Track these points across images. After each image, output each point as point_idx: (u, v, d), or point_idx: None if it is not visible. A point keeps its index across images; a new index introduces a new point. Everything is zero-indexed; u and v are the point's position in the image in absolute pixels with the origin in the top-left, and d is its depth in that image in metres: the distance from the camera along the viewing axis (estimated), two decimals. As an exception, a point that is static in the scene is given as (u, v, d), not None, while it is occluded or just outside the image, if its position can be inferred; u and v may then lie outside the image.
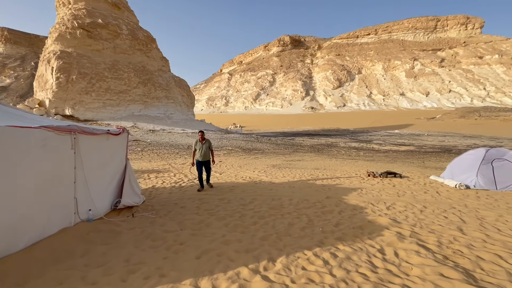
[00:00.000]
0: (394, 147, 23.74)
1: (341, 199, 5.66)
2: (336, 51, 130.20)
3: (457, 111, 66.11)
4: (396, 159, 15.53)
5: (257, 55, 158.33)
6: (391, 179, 8.34)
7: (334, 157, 16.17)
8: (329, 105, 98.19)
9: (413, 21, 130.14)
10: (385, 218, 4.39)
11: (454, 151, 20.90)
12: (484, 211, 4.93)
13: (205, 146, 6.41)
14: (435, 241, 3.50)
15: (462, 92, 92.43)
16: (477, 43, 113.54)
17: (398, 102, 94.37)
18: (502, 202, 5.68)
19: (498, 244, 3.41)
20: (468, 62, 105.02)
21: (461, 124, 52.73)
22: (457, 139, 32.47)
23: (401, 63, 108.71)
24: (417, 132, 42.96)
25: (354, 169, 10.44)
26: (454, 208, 5.11)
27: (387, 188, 7.03)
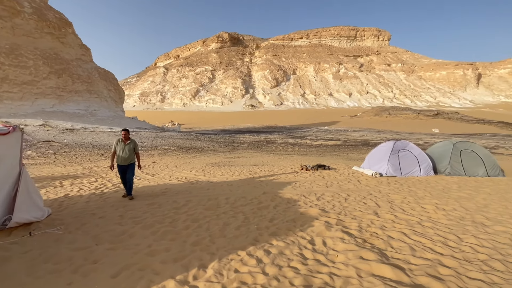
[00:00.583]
0: (324, 142, 26.15)
1: (276, 194, 5.81)
2: (273, 51, 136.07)
3: (373, 110, 77.27)
4: (325, 153, 17.08)
5: (195, 50, 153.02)
6: (321, 171, 9.05)
7: (272, 153, 16.78)
8: (268, 103, 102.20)
9: (338, 29, 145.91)
10: (315, 209, 4.65)
11: (371, 144, 24.26)
12: (393, 195, 5.75)
13: (128, 147, 5.55)
14: (357, 226, 3.85)
15: (376, 94, 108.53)
16: (386, 53, 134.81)
17: (327, 101, 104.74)
18: (405, 186, 6.75)
19: (403, 223, 3.97)
20: (380, 68, 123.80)
21: (376, 121, 61.88)
22: (373, 133, 37.90)
23: (329, 66, 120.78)
24: (343, 128, 48.48)
25: (289, 164, 10.99)
26: (371, 194, 5.80)
27: (318, 180, 7.57)
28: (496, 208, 4.76)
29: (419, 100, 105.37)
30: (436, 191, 6.16)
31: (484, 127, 51.14)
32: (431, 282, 2.39)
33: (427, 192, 6.04)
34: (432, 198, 5.45)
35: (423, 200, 5.29)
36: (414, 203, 5.08)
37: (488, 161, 8.26)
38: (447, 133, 41.15)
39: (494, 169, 8.19)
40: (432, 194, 5.80)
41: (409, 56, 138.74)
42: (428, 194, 5.80)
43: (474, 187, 6.60)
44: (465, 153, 8.42)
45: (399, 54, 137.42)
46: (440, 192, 6.00)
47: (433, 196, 5.67)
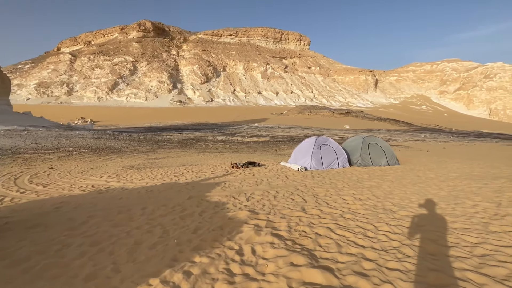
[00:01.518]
0: (254, 139, 26.75)
1: (203, 197, 5.27)
2: (202, 46, 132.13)
3: (297, 108, 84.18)
4: (256, 149, 17.35)
5: (111, 37, 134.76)
6: (251, 168, 8.93)
7: (202, 151, 15.99)
8: (198, 99, 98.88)
9: (265, 30, 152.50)
10: (244, 211, 4.35)
11: (296, 139, 26.10)
12: (317, 188, 6.00)
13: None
14: (286, 226, 3.71)
15: (299, 94, 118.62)
16: (306, 57, 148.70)
17: (257, 99, 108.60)
18: (327, 178, 7.21)
19: (328, 217, 4.05)
20: (302, 70, 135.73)
21: (299, 118, 67.60)
22: (298, 130, 41.10)
23: (257, 65, 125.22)
24: (271, 125, 50.97)
25: (220, 162, 10.54)
26: (298, 190, 5.91)
27: (248, 178, 7.38)
28: (398, 194, 5.47)
29: (334, 100, 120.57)
30: (352, 181, 6.78)
31: (381, 124, 62.28)
32: (358, 281, 2.34)
33: (345, 183, 6.57)
34: (350, 189, 5.92)
35: (342, 192, 5.67)
36: (335, 195, 5.37)
37: (388, 152, 9.73)
38: (355, 128, 48.14)
39: (393, 159, 9.71)
40: (349, 185, 6.32)
41: (325, 61, 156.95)
42: (346, 185, 6.29)
43: (380, 176, 7.58)
44: (372, 146, 9.70)
45: (317, 58, 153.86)
46: (355, 183, 6.61)
47: (350, 187, 6.17)
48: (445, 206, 4.53)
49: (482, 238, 3.23)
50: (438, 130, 55.53)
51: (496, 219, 3.86)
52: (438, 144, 23.28)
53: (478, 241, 3.15)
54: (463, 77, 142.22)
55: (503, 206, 4.45)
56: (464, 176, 7.32)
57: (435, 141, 27.99)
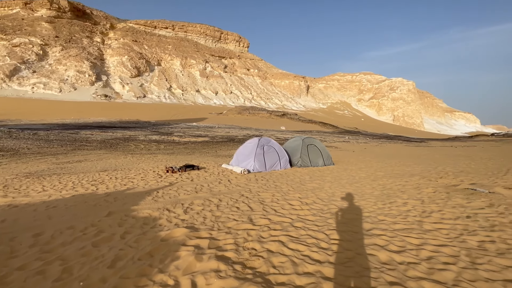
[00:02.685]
0: (192, 139, 25.30)
1: (128, 213, 4.27)
2: (133, 36, 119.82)
3: (236, 109, 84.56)
4: (194, 150, 16.25)
5: (10, 11, 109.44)
6: (189, 172, 8.06)
7: (131, 153, 14.02)
8: (128, 94, 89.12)
9: (204, 27, 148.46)
10: (182, 228, 3.61)
11: (236, 140, 25.81)
12: (263, 193, 5.65)
13: None
14: (233, 244, 3.16)
15: (238, 94, 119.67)
16: (245, 59, 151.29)
17: (195, 97, 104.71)
18: (271, 181, 6.98)
19: (278, 228, 3.68)
20: (241, 71, 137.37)
21: (239, 118, 68.01)
22: (237, 130, 41.04)
23: (196, 62, 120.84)
24: (210, 125, 49.63)
25: (152, 166, 9.26)
26: (243, 196, 5.44)
27: (186, 184, 6.54)
28: (340, 195, 5.56)
29: (271, 103, 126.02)
30: (296, 184, 6.70)
31: (312, 126, 67.94)
32: (323, 313, 1.97)
33: (289, 186, 6.43)
34: (295, 192, 5.77)
35: (288, 196, 5.45)
36: (282, 200, 5.10)
37: (325, 153, 10.23)
38: (290, 130, 51.06)
39: (328, 160, 10.25)
40: (293, 188, 6.19)
41: (263, 64, 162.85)
42: (291, 189, 6.14)
43: (319, 176, 7.77)
44: (310, 147, 10.03)
45: (256, 61, 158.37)
46: (298, 185, 6.55)
47: (295, 190, 6.04)
48: (383, 206, 4.74)
49: (421, 238, 3.34)
50: (358, 133, 63.88)
51: (425, 217, 4.16)
52: (360, 145, 26.47)
53: (419, 242, 3.23)
54: (375, 88, 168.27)
55: (426, 203, 4.92)
56: (388, 174, 8.15)
57: (357, 142, 31.85)
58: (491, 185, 6.36)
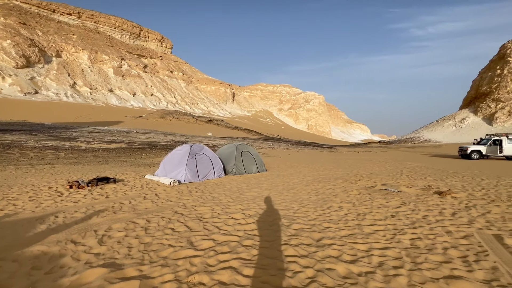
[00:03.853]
0: (104, 145, 21.65)
1: (7, 253, 2.92)
2: (20, 17, 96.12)
3: (158, 112, 78.33)
4: (108, 159, 13.78)
5: None
6: (103, 187, 6.56)
7: (14, 164, 10.70)
8: (10, 89, 70.34)
9: (120, 21, 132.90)
10: (96, 268, 2.64)
11: (159, 146, 23.53)
12: (200, 207, 4.99)
13: None
14: (173, 280, 2.47)
15: (160, 97, 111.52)
16: (169, 60, 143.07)
17: (107, 98, 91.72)
18: (207, 192, 6.34)
19: (226, 250, 3.16)
20: (164, 73, 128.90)
21: (161, 123, 63.07)
22: (160, 136, 37.76)
23: (109, 58, 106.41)
24: (127, 129, 44.08)
25: (48, 180, 7.15)
26: (177, 213, 4.64)
27: (99, 202, 5.20)
28: (281, 203, 5.45)
29: (196, 108, 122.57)
30: (234, 193, 6.27)
31: (239, 132, 69.34)
32: None
33: (228, 197, 5.95)
34: (236, 204, 5.33)
35: (229, 208, 4.97)
36: (224, 214, 4.58)
37: (258, 160, 10.21)
38: (218, 136, 50.57)
39: (262, 166, 10.27)
40: (233, 199, 5.75)
41: (188, 68, 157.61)
42: (230, 200, 5.67)
43: (256, 184, 7.59)
44: (244, 154, 9.83)
45: (180, 64, 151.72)
46: (238, 195, 6.14)
47: (234, 200, 5.60)
48: (323, 212, 4.83)
49: (366, 243, 3.44)
50: (279, 139, 68.83)
51: (361, 219, 4.41)
52: (284, 151, 28.33)
53: (366, 247, 3.30)
54: (293, 99, 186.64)
55: (357, 205, 5.31)
56: (317, 179, 8.69)
57: (281, 148, 34.05)
58: (396, 185, 7.51)
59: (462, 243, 3.47)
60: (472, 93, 64.32)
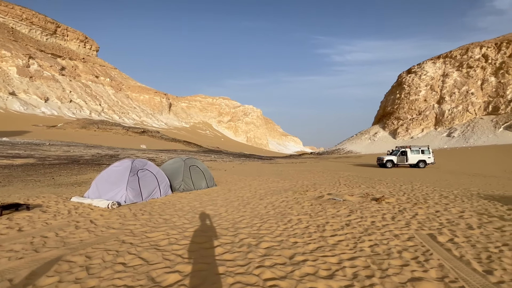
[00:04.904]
0: (4, 161, 17.33)
1: None
2: None
3: (79, 122, 68.00)
4: (11, 179, 10.99)
5: None
6: (11, 216, 5.11)
7: None
8: None
9: (28, 12, 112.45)
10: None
11: (82, 161, 20.21)
12: (152, 233, 4.35)
13: None
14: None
15: (82, 104, 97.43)
16: (94, 63, 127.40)
17: (7, 102, 75.03)
18: (156, 215, 5.62)
19: (197, 281, 2.77)
20: (87, 78, 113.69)
21: (83, 134, 54.81)
22: (82, 148, 32.61)
23: (11, 55, 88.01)
24: (37, 141, 36.64)
25: None
26: (124, 243, 3.92)
27: (9, 238, 3.99)
28: (242, 220, 5.22)
29: (127, 118, 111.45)
30: (188, 213, 5.74)
31: (177, 144, 65.80)
32: None
33: (182, 217, 5.40)
34: (192, 225, 4.86)
35: (188, 232, 4.48)
36: (182, 239, 4.09)
37: (207, 174, 9.74)
38: (153, 148, 46.78)
39: (211, 181, 9.82)
40: (188, 220, 5.23)
41: (118, 74, 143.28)
42: (185, 221, 5.14)
43: (209, 201, 7.15)
44: (193, 168, 9.24)
45: (108, 69, 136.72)
46: (192, 215, 5.64)
47: (190, 222, 5.11)
48: (285, 226, 4.83)
49: (335, 255, 3.54)
50: (220, 152, 68.20)
51: (322, 231, 4.57)
52: (227, 164, 28.04)
53: (337, 260, 3.39)
54: (232, 112, 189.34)
55: (314, 217, 5.52)
56: (269, 192, 8.78)
57: (223, 161, 33.64)
58: (339, 194, 8.20)
59: (409, 245, 3.92)
60: (380, 112, 77.43)
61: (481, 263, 3.30)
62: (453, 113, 57.04)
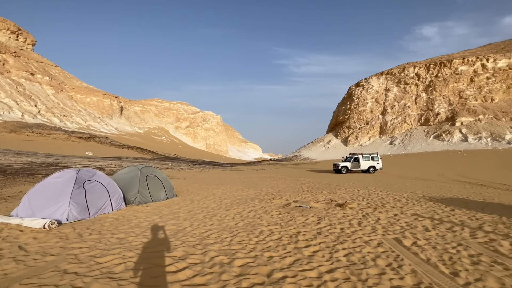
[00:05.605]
0: None
1: None
2: None
3: (6, 124, 58.47)
4: None
5: None
6: None
7: None
8: None
9: None
10: None
11: (9, 171, 17.13)
12: (103, 257, 3.66)
13: None
14: None
15: (12, 105, 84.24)
16: (29, 59, 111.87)
17: None
18: (107, 234, 4.83)
19: (166, 318, 2.32)
20: (19, 75, 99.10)
21: (13, 139, 47.15)
22: (11, 156, 27.83)
23: None
24: None
25: None
26: (67, 273, 3.18)
27: None
28: (211, 235, 4.78)
29: (70, 121, 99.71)
30: (146, 230, 5.07)
31: (129, 151, 60.88)
32: None
33: (139, 236, 4.73)
34: (154, 245, 4.26)
35: (148, 253, 3.88)
36: (143, 263, 3.50)
37: (167, 184, 8.95)
38: (101, 156, 42.40)
39: (171, 191, 9.05)
40: (148, 238, 4.60)
41: (59, 72, 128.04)
42: (144, 240, 4.50)
43: (171, 214, 6.50)
44: (150, 178, 8.40)
45: (47, 66, 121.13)
46: (152, 232, 4.99)
47: (151, 241, 4.49)
48: (258, 239, 4.55)
49: (313, 268, 3.38)
50: (177, 159, 65.11)
51: (296, 242, 4.41)
52: (186, 172, 26.69)
53: (316, 274, 3.23)
54: (191, 117, 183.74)
55: (284, 227, 5.36)
56: (234, 201, 8.41)
57: (182, 168, 32.01)
58: (305, 201, 8.25)
59: (380, 251, 3.99)
60: (333, 121, 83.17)
61: (446, 265, 3.47)
62: (394, 124, 64.06)
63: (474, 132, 51.06)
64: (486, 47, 74.13)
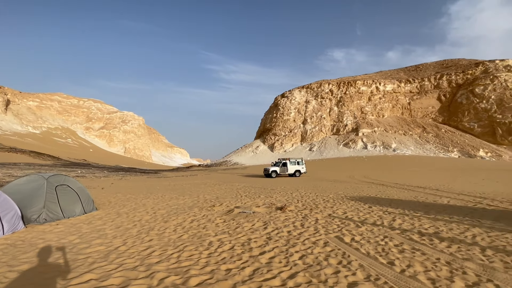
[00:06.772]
0: None
1: None
2: None
3: None
4: None
5: None
6: None
7: None
8: None
9: None
10: None
11: None
12: None
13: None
14: None
15: None
16: None
17: None
18: (1, 266, 3.56)
19: None
20: None
21: None
22: None
23: None
24: None
25: None
26: None
27: None
28: (150, 253, 4.11)
29: None
30: (60, 257, 3.99)
31: (17, 156, 48.60)
32: None
33: (51, 266, 3.67)
34: (76, 273, 3.36)
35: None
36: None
37: (83, 196, 7.40)
38: (-26, 162, 32.31)
39: (89, 204, 7.52)
40: (63, 267, 3.60)
41: None
42: (57, 270, 3.50)
43: (93, 233, 5.34)
44: (61, 189, 6.78)
45: None
46: (70, 256, 3.95)
47: (70, 270, 3.53)
48: (209, 252, 4.18)
49: (275, 275, 3.30)
50: (88, 165, 55.71)
51: (249, 250, 4.26)
52: (102, 180, 22.97)
53: (279, 282, 3.16)
54: (106, 118, 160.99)
55: (234, 235, 5.14)
56: (170, 211, 7.62)
57: (96, 176, 27.42)
58: (247, 206, 8.21)
59: (328, 250, 4.25)
60: (261, 128, 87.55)
61: (382, 256, 3.96)
62: (312, 132, 72.12)
63: (372, 141, 62.43)
64: (379, 73, 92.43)
